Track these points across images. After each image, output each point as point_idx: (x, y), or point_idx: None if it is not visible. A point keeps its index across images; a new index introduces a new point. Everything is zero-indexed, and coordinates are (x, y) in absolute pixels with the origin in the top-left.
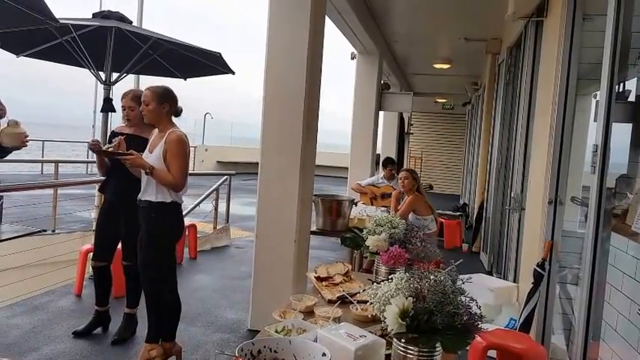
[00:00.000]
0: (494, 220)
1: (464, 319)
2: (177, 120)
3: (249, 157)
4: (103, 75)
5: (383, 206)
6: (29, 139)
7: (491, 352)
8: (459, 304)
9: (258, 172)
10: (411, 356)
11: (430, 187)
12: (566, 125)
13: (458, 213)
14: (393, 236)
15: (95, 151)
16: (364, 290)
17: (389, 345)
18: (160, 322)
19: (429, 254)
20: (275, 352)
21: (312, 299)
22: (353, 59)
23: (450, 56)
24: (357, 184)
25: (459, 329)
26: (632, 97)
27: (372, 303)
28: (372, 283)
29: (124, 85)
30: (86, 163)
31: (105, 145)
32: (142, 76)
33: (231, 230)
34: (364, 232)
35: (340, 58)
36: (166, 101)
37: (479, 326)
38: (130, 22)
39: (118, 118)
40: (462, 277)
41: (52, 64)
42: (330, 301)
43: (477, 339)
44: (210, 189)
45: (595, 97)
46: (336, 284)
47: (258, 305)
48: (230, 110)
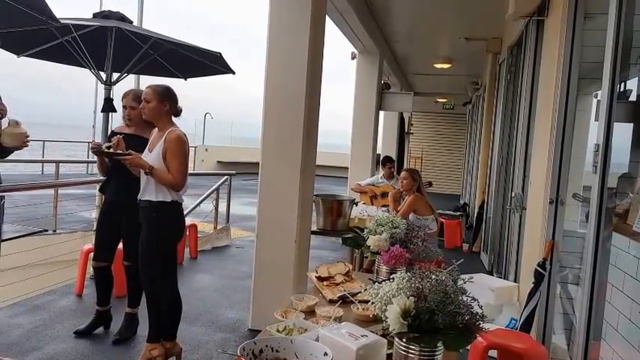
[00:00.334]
0: (494, 220)
1: (465, 318)
2: (177, 119)
3: (249, 157)
4: (103, 75)
5: (383, 205)
6: (30, 139)
7: (492, 352)
8: (460, 303)
9: (258, 172)
10: (413, 356)
11: (429, 184)
12: (567, 125)
13: (458, 213)
14: (394, 236)
15: (95, 153)
16: (365, 290)
17: (390, 344)
18: (161, 322)
19: (429, 254)
20: (277, 351)
21: (314, 299)
22: (353, 59)
23: (451, 56)
24: (356, 184)
25: (460, 329)
26: (633, 97)
27: (373, 302)
28: (373, 282)
29: (124, 86)
30: (86, 163)
31: (104, 144)
32: (142, 76)
33: (232, 230)
34: (365, 232)
35: (340, 57)
36: (167, 100)
37: (480, 326)
38: (131, 22)
39: (118, 118)
40: (463, 276)
41: (52, 64)
42: (331, 301)
43: (478, 339)
44: (211, 189)
45: (596, 97)
46: (337, 284)
47: (258, 305)
48: (230, 110)
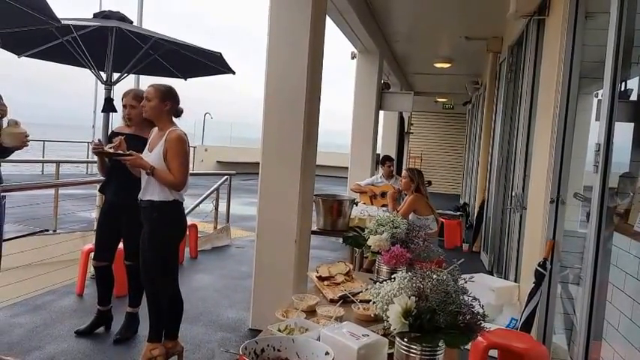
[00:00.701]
0: (495, 220)
1: (467, 318)
2: (177, 119)
3: (248, 157)
4: (103, 75)
5: (383, 205)
6: (30, 138)
7: (493, 352)
8: (461, 303)
9: (257, 172)
10: (414, 355)
11: (429, 183)
12: (568, 124)
13: (458, 213)
14: (394, 236)
15: (96, 153)
16: (367, 289)
17: (391, 344)
18: (162, 322)
19: (430, 254)
20: (278, 350)
21: (314, 298)
22: (353, 59)
23: (451, 55)
24: (356, 184)
25: (461, 328)
26: (634, 96)
27: (374, 302)
28: (374, 282)
29: (124, 86)
30: (86, 163)
31: (107, 145)
32: (142, 76)
33: (232, 230)
34: (366, 232)
35: (340, 57)
36: (168, 100)
37: (481, 325)
38: (131, 22)
39: (118, 118)
40: (463, 276)
41: (52, 64)
42: (332, 301)
43: (479, 338)
44: (211, 189)
45: (596, 96)
46: (338, 284)
47: (259, 305)
48: (230, 110)
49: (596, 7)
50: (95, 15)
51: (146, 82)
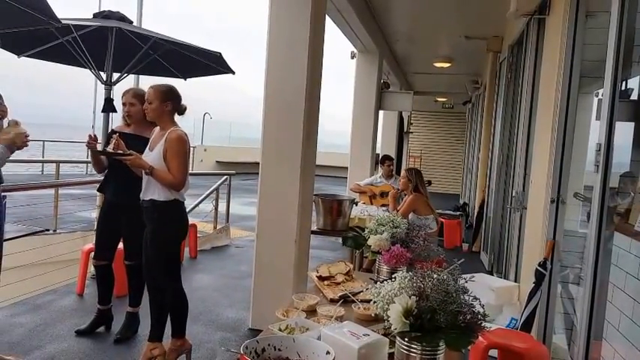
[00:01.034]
0: (494, 220)
1: (467, 317)
2: (176, 119)
3: (248, 157)
4: (103, 75)
5: (382, 205)
6: (30, 139)
7: (493, 352)
8: (462, 303)
9: (257, 172)
10: (414, 355)
11: (429, 183)
12: (569, 123)
13: (458, 212)
14: (394, 235)
15: (96, 151)
16: (367, 289)
17: (392, 344)
18: (163, 321)
19: (431, 254)
20: (279, 350)
21: (315, 298)
22: (353, 58)
23: (451, 55)
24: (355, 184)
25: (462, 328)
26: (634, 96)
27: (375, 302)
28: (375, 282)
29: (124, 86)
30: (86, 163)
31: (109, 146)
32: (142, 76)
33: (231, 230)
34: (366, 232)
35: (340, 57)
36: (169, 100)
37: (482, 325)
38: (131, 22)
39: (118, 118)
40: (464, 276)
41: (52, 64)
42: (333, 300)
43: (479, 338)
44: (211, 189)
45: (597, 96)
46: (338, 283)
47: (258, 304)
48: (229, 110)
49: (597, 5)
50: (95, 15)
51: (146, 82)
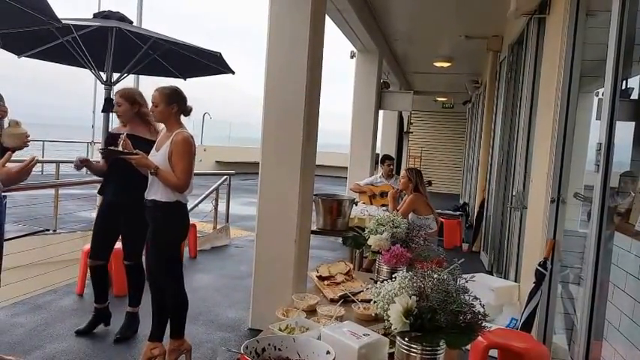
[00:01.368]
0: (495, 219)
1: (467, 317)
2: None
3: (247, 157)
4: (103, 75)
5: (382, 205)
6: (30, 139)
7: (493, 352)
8: (462, 302)
9: (256, 172)
10: (415, 355)
11: (429, 183)
12: (569, 123)
13: (458, 212)
14: (394, 235)
15: (105, 154)
16: (367, 289)
17: (392, 343)
18: (164, 321)
19: (431, 254)
20: (279, 349)
21: (315, 298)
22: (352, 58)
23: (451, 54)
24: (355, 184)
25: (462, 328)
26: (635, 95)
27: (375, 302)
28: (375, 282)
29: (124, 85)
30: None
31: (117, 147)
32: (141, 76)
33: (231, 230)
34: (366, 232)
35: (339, 56)
36: (175, 102)
37: (482, 325)
38: (131, 22)
39: None
40: (464, 276)
41: (52, 64)
42: (333, 300)
43: (479, 338)
44: (210, 189)
45: (597, 95)
46: (338, 283)
47: (258, 304)
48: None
49: (597, 5)
50: (95, 15)
51: (146, 82)
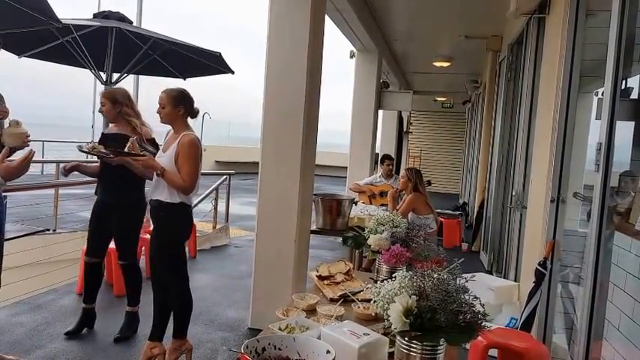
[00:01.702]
0: (494, 219)
1: (467, 317)
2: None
3: (247, 157)
4: (103, 75)
5: (382, 204)
6: (30, 139)
7: (492, 352)
8: (462, 302)
9: (255, 172)
10: (414, 354)
11: (429, 183)
12: (569, 123)
13: (458, 212)
14: (394, 235)
15: (115, 154)
16: (367, 288)
17: (392, 343)
18: (165, 320)
19: (431, 253)
20: (279, 349)
21: (315, 298)
22: (352, 58)
23: (450, 54)
24: (355, 184)
25: (462, 327)
26: (634, 95)
27: (375, 301)
28: (374, 281)
29: (124, 85)
30: (86, 163)
31: (109, 147)
32: (141, 76)
33: (231, 229)
34: (366, 231)
35: (339, 56)
36: (181, 104)
37: (482, 324)
38: (131, 22)
39: None
40: (465, 275)
41: (51, 64)
42: (332, 300)
43: (478, 338)
44: (210, 188)
45: (596, 95)
46: (338, 283)
47: (258, 304)
48: (228, 110)
49: (597, 4)
50: (95, 15)
51: (146, 82)
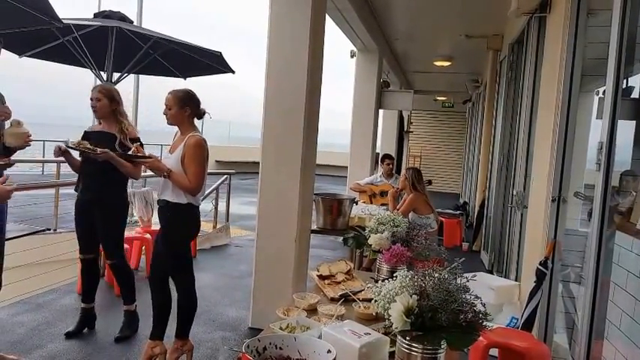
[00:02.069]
0: (495, 219)
1: (468, 316)
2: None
3: (247, 157)
4: (104, 75)
5: (382, 204)
6: (32, 138)
7: (493, 351)
8: (463, 301)
9: (256, 172)
10: (415, 354)
11: (429, 182)
12: (570, 122)
13: (458, 212)
14: (395, 235)
15: (120, 156)
16: (368, 288)
17: (392, 343)
18: (165, 320)
19: (432, 253)
20: (280, 348)
21: (315, 297)
22: (353, 57)
23: (451, 53)
24: (355, 183)
25: (463, 327)
26: (635, 94)
27: (376, 301)
28: (375, 281)
29: (124, 85)
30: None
31: (130, 150)
32: (142, 76)
33: (231, 229)
34: (367, 231)
35: (340, 55)
36: (188, 105)
37: (483, 324)
38: (131, 22)
39: None
40: (465, 275)
41: (52, 64)
42: (333, 299)
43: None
44: (210, 188)
45: (597, 94)
46: (338, 282)
47: (258, 303)
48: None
49: (598, 4)
50: (96, 15)
51: (146, 82)
